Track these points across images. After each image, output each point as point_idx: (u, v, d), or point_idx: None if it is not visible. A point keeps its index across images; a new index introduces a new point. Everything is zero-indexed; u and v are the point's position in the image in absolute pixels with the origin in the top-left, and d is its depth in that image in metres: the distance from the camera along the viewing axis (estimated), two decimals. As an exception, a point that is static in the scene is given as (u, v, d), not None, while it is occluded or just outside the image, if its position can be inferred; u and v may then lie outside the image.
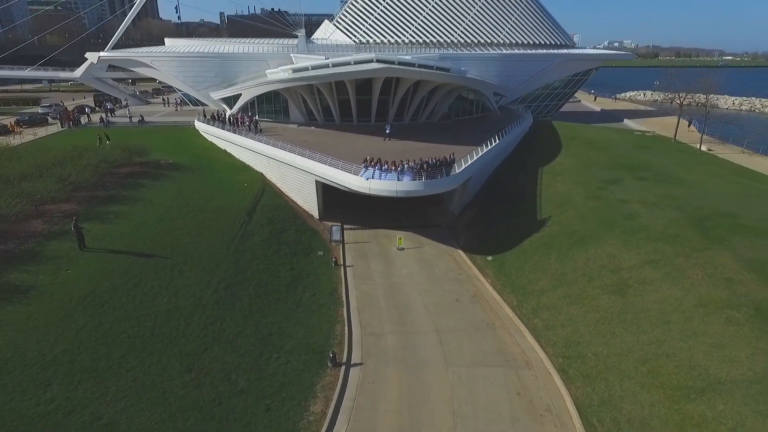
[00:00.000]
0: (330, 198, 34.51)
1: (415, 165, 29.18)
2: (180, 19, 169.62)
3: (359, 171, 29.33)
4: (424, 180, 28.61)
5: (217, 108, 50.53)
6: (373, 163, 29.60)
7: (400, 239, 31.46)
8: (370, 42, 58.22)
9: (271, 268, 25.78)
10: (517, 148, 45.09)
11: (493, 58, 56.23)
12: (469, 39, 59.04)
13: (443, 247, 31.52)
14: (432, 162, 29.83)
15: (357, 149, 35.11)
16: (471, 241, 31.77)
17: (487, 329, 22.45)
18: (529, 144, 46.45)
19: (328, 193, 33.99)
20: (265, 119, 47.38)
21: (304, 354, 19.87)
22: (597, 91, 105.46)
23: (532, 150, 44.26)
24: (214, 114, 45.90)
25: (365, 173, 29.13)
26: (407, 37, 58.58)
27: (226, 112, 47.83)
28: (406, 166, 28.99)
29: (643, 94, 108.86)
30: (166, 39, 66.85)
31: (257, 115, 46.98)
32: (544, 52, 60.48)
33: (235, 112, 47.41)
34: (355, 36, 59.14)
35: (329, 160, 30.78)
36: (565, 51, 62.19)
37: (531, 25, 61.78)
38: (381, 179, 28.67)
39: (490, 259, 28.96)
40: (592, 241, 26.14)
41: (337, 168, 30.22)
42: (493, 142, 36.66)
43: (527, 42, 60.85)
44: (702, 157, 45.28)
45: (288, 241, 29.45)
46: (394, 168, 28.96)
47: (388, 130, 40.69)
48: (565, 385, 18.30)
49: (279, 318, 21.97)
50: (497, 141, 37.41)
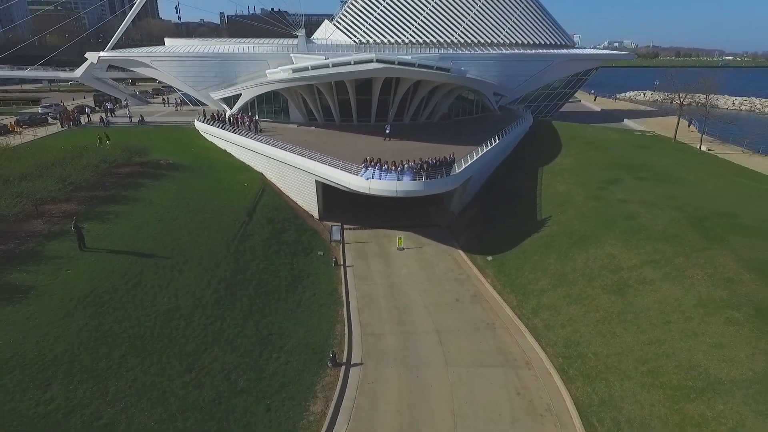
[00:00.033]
0: (330, 198, 34.50)
1: (415, 165, 29.17)
2: (180, 19, 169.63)
3: (359, 171, 29.32)
4: (424, 180, 28.61)
5: (217, 108, 50.53)
6: (373, 163, 29.60)
7: (400, 239, 31.45)
8: (370, 42, 58.21)
9: (271, 268, 25.78)
10: (517, 148, 45.09)
11: (493, 58, 56.23)
12: (469, 39, 59.02)
13: (443, 247, 31.51)
14: (432, 162, 29.84)
15: (357, 149, 35.09)
16: (471, 241, 31.77)
17: (487, 329, 22.44)
18: (529, 144, 46.43)
19: (328, 193, 33.97)
20: (265, 119, 47.36)
21: (304, 354, 19.87)
22: (597, 91, 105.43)
23: (532, 150, 44.22)
24: (214, 114, 45.89)
25: (365, 173, 29.13)
26: (407, 37, 58.57)
27: (226, 112, 47.82)
28: (406, 166, 28.99)
29: (643, 94, 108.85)
30: (166, 39, 66.84)
31: (257, 115, 46.93)
32: (544, 52, 60.47)
33: (235, 112, 47.39)
34: (355, 36, 59.12)
35: (329, 160, 30.76)
36: (565, 51, 62.16)
37: (531, 25, 61.78)
38: (381, 179, 28.68)
39: (490, 259, 28.96)
40: (592, 241, 26.13)
41: (337, 168, 30.22)
42: (492, 142, 36.64)
43: (527, 42, 60.84)
44: (702, 157, 45.28)
45: (288, 241, 29.45)
46: (394, 168, 28.97)
47: (388, 130, 40.68)
48: (565, 385, 18.29)
49: (279, 318, 21.98)
50: (497, 141, 37.39)
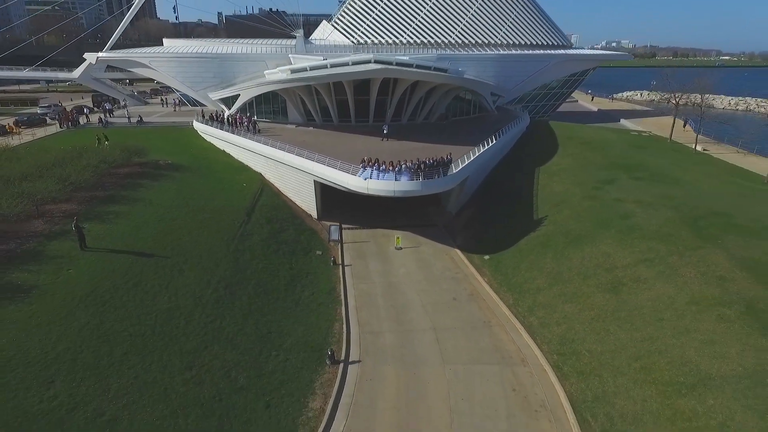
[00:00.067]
0: (328, 198, 34.70)
1: (413, 165, 29.44)
2: (178, 19, 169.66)
3: (357, 171, 29.56)
4: (422, 180, 28.87)
5: (216, 108, 50.71)
6: (371, 164, 29.85)
7: (398, 239, 31.69)
8: (368, 42, 58.35)
9: (270, 267, 26.00)
10: (515, 148, 45.35)
11: (490, 58, 56.46)
12: (466, 39, 59.24)
13: (441, 247, 31.76)
14: (429, 162, 30.13)
15: (355, 149, 35.29)
16: (468, 241, 32.03)
17: (484, 327, 22.73)
18: (526, 144, 46.70)
19: (326, 193, 34.18)
20: (264, 120, 47.50)
21: (303, 352, 20.12)
22: (594, 91, 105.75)
23: (530, 150, 44.50)
24: (212, 114, 46.07)
25: (363, 173, 29.37)
26: (405, 38, 58.77)
27: (225, 113, 48.00)
28: (404, 167, 29.25)
29: (640, 94, 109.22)
30: (164, 39, 66.91)
31: (255, 116, 47.06)
32: (541, 52, 60.71)
33: (234, 113, 47.54)
34: (353, 36, 59.28)
35: (327, 160, 30.97)
36: (562, 51, 62.38)
37: (528, 26, 62.00)
38: (379, 179, 28.92)
39: (486, 258, 29.24)
40: (588, 241, 26.43)
41: (335, 168, 30.43)
42: (490, 142, 36.86)
43: (524, 42, 61.08)
44: (697, 157, 45.60)
45: (287, 240, 29.68)
46: (391, 168, 29.22)
47: (386, 131, 40.89)
48: (559, 382, 18.58)
49: (278, 317, 22.23)
50: (494, 141, 37.60)
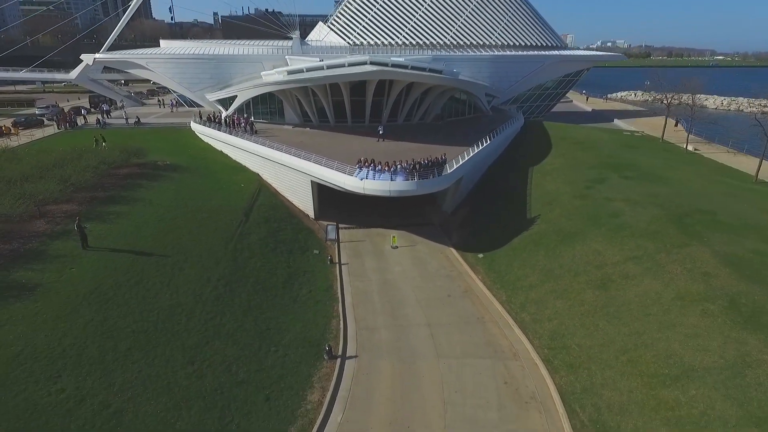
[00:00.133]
0: (325, 198, 35.17)
1: (408, 165, 29.99)
2: (173, 20, 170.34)
3: (353, 171, 30.07)
4: (417, 180, 29.46)
5: (213, 109, 51.13)
6: (367, 164, 30.37)
7: (394, 238, 32.21)
8: (364, 44, 58.94)
9: (268, 265, 26.51)
10: (509, 149, 45.99)
11: (485, 59, 57.20)
12: (461, 41, 59.92)
13: (436, 245, 32.31)
14: (424, 162, 30.68)
15: (351, 150, 35.77)
16: (463, 239, 32.61)
17: (477, 323, 23.31)
18: (520, 144, 47.35)
19: (323, 193, 34.64)
20: (261, 120, 47.92)
21: (301, 347, 20.66)
22: (589, 91, 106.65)
23: (523, 150, 45.14)
24: (210, 115, 46.51)
25: (359, 173, 29.89)
26: (401, 39, 59.39)
27: (222, 114, 48.41)
28: (399, 167, 29.81)
29: (634, 95, 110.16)
30: (161, 40, 67.35)
31: (252, 117, 47.47)
32: (536, 53, 61.46)
33: (231, 114, 47.98)
34: (349, 38, 59.83)
35: (324, 160, 31.47)
36: (556, 52, 63.16)
37: (522, 27, 62.77)
38: (374, 179, 29.46)
39: (481, 256, 29.82)
40: (579, 238, 27.06)
41: (331, 168, 30.94)
42: (484, 143, 37.49)
43: (519, 44, 61.81)
44: (688, 157, 46.44)
45: (284, 239, 30.18)
46: (387, 168, 29.78)
47: (381, 131, 41.44)
48: (549, 375, 19.19)
49: (277, 313, 22.76)
50: (488, 142, 38.22)
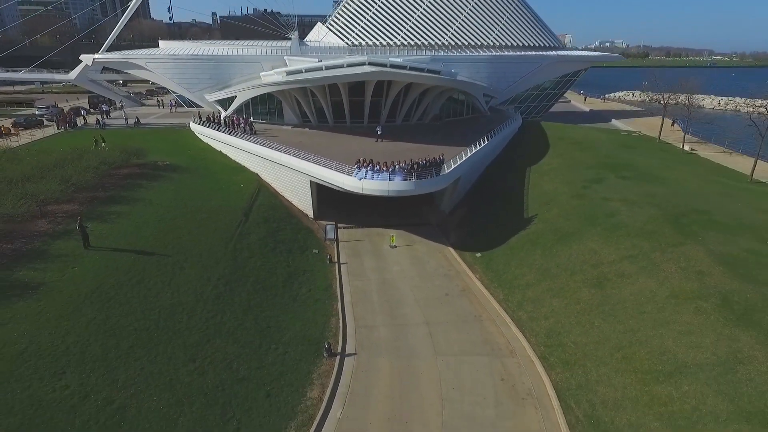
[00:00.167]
0: (324, 198, 35.41)
1: (406, 165, 30.25)
2: (172, 20, 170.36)
3: (352, 171, 30.33)
4: (415, 180, 29.71)
5: (212, 110, 51.35)
6: (366, 164, 30.65)
7: (393, 237, 32.46)
8: (363, 44, 59.19)
9: (268, 265, 26.76)
10: (507, 149, 46.26)
11: (483, 59, 57.50)
12: (459, 41, 60.19)
13: (434, 245, 32.58)
14: (422, 162, 30.94)
15: (350, 150, 36.04)
16: (461, 239, 32.89)
17: (475, 321, 23.60)
18: (518, 144, 47.63)
19: (322, 193, 34.88)
20: (260, 121, 48.16)
21: (301, 345, 20.94)
22: (587, 91, 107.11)
23: (521, 150, 45.43)
24: (209, 116, 46.72)
25: (358, 174, 30.15)
26: (399, 40, 59.65)
27: (221, 114, 48.62)
28: (397, 167, 30.07)
29: (632, 95, 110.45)
30: (160, 41, 67.51)
31: (252, 117, 47.66)
32: (533, 54, 61.74)
33: (230, 114, 48.20)
34: (347, 38, 60.07)
35: (323, 161, 31.69)
36: (553, 53, 63.42)
37: (520, 28, 63.05)
38: (373, 179, 29.71)
39: (478, 255, 30.10)
40: (575, 238, 27.36)
41: (330, 169, 31.16)
42: (482, 143, 37.78)
43: (517, 44, 62.09)
44: (684, 157, 46.77)
45: (284, 239, 30.42)
46: (385, 168, 30.04)
47: (380, 131, 41.68)
48: (545, 372, 19.50)
49: (277, 312, 23.03)
50: (486, 142, 38.51)
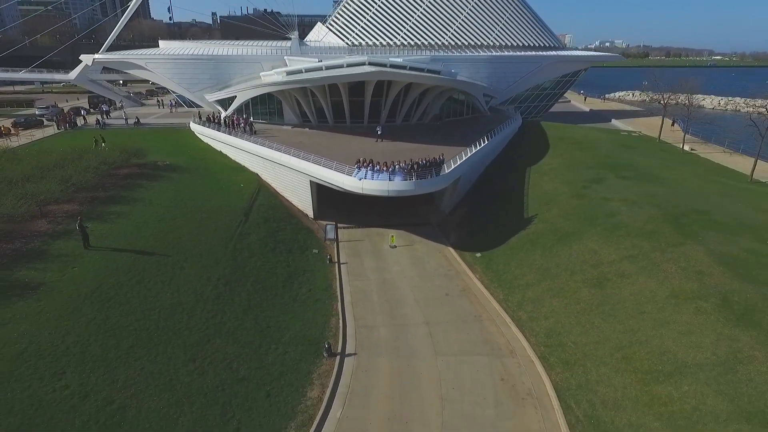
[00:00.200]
0: (324, 198, 35.42)
1: (406, 165, 30.27)
2: (172, 20, 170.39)
3: (352, 171, 30.34)
4: (415, 180, 29.72)
5: (212, 110, 51.34)
6: (366, 164, 30.66)
7: (393, 237, 32.47)
8: (363, 44, 59.19)
9: (268, 265, 26.76)
10: (507, 149, 46.26)
11: (483, 59, 57.49)
12: (459, 41, 60.18)
13: (434, 245, 32.59)
14: (422, 162, 30.95)
15: (350, 150, 36.05)
16: (461, 239, 32.89)
17: (475, 321, 23.61)
18: (518, 144, 47.63)
19: (322, 193, 34.88)
20: (260, 121, 48.16)
21: (301, 345, 20.94)
22: (587, 91, 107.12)
23: (521, 150, 45.42)
24: (209, 116, 46.72)
25: (358, 174, 30.15)
26: (399, 40, 59.65)
27: (221, 114, 48.62)
28: (397, 167, 30.07)
29: (632, 95, 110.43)
30: (160, 41, 67.52)
31: (252, 117, 47.64)
32: (533, 54, 61.74)
33: (230, 114, 48.20)
34: (347, 38, 60.07)
35: (323, 161, 31.69)
36: (553, 53, 63.42)
37: (520, 28, 63.06)
38: (373, 179, 29.72)
39: (478, 255, 30.10)
40: (575, 238, 27.36)
41: (330, 169, 31.17)
42: (481, 143, 37.78)
43: (517, 44, 62.09)
44: (684, 157, 46.78)
45: (284, 239, 30.42)
46: (385, 168, 30.05)
47: (380, 131, 41.68)
48: (545, 372, 19.50)
49: (277, 312, 23.03)
50: (486, 142, 38.51)
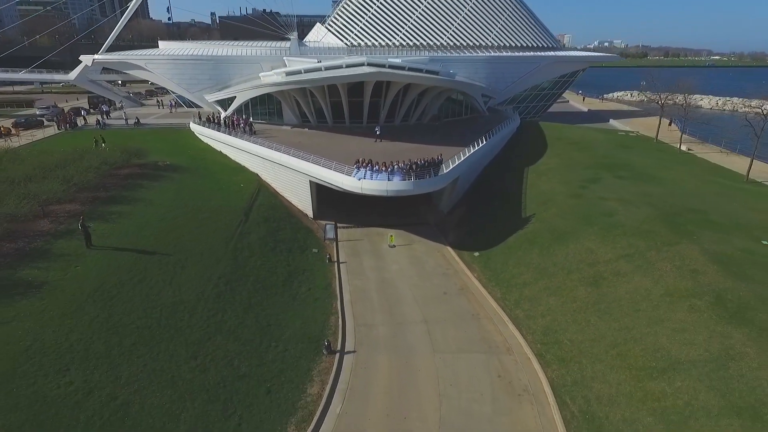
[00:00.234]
0: (324, 198, 35.66)
1: (405, 166, 30.56)
2: (171, 20, 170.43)
3: (351, 171, 30.60)
4: (413, 180, 30.00)
5: (212, 110, 51.54)
6: (365, 164, 30.94)
7: (392, 237, 32.72)
8: (362, 44, 59.42)
9: (268, 264, 27.03)
10: (505, 149, 46.54)
11: (481, 60, 57.71)
12: (458, 42, 60.43)
13: (433, 244, 32.86)
14: (421, 163, 31.25)
15: (349, 150, 36.31)
16: (459, 238, 33.16)
17: (472, 319, 23.90)
18: (516, 144, 47.91)
19: (321, 192, 35.13)
20: (259, 121, 48.35)
21: (301, 343, 21.22)
22: (585, 91, 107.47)
23: (519, 150, 45.71)
24: (209, 116, 46.94)
25: (357, 174, 30.43)
26: (398, 40, 59.88)
27: (221, 114, 48.82)
28: (396, 167, 30.37)
29: (630, 95, 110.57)
30: (159, 41, 67.76)
31: (251, 117, 47.82)
32: (532, 54, 62.00)
33: (230, 114, 48.41)
34: (346, 39, 60.31)
35: (322, 161, 31.94)
36: (551, 53, 63.70)
37: (518, 28, 63.34)
38: (372, 179, 29.98)
39: (476, 255, 30.38)
40: (572, 237, 27.62)
41: (330, 169, 31.42)
42: (480, 143, 38.03)
43: (515, 44, 62.37)
44: (681, 157, 47.10)
45: (284, 239, 30.68)
46: (384, 168, 30.33)
47: (378, 132, 41.93)
48: (542, 368, 19.79)
49: (277, 310, 23.31)
50: (484, 142, 38.76)
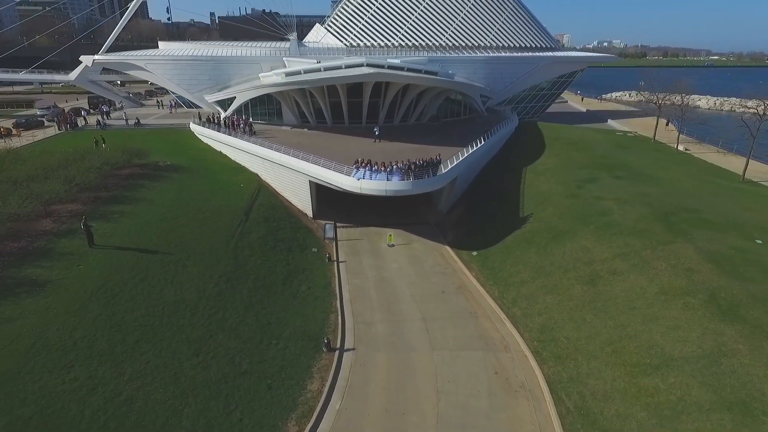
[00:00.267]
0: (323, 197, 35.96)
1: (404, 166, 30.86)
2: (170, 20, 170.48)
3: (351, 172, 30.89)
4: (412, 180, 30.30)
5: (212, 110, 51.79)
6: (364, 164, 31.23)
7: (391, 236, 33.04)
8: (361, 45, 59.66)
9: (268, 263, 27.32)
10: (503, 149, 46.82)
11: (480, 60, 58.00)
12: (457, 42, 60.68)
13: (431, 244, 33.17)
14: (419, 163, 31.56)
15: (349, 150, 36.60)
16: (458, 238, 33.46)
17: (470, 317, 24.21)
18: (514, 145, 48.19)
19: (321, 192, 35.43)
20: (259, 121, 48.59)
21: (301, 340, 21.53)
22: (584, 91, 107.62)
23: (517, 151, 45.99)
24: (209, 117, 47.19)
25: (356, 174, 30.72)
26: (397, 41, 60.13)
27: (221, 115, 49.07)
28: (395, 167, 30.67)
29: (629, 95, 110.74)
30: (159, 42, 67.98)
31: (251, 118, 48.06)
32: (530, 54, 62.26)
33: (230, 115, 48.66)
34: (345, 39, 60.55)
35: (322, 161, 32.22)
36: (550, 54, 63.95)
37: (517, 29, 63.60)
38: (371, 179, 30.28)
39: (474, 254, 30.69)
40: (569, 236, 27.94)
41: (329, 169, 31.70)
42: (478, 143, 38.32)
43: (514, 45, 62.63)
44: (678, 157, 47.41)
45: (284, 238, 30.98)
46: (383, 169, 30.63)
47: (377, 132, 42.22)
48: (538, 365, 20.12)
49: (277, 309, 23.61)
50: (483, 142, 39.05)
